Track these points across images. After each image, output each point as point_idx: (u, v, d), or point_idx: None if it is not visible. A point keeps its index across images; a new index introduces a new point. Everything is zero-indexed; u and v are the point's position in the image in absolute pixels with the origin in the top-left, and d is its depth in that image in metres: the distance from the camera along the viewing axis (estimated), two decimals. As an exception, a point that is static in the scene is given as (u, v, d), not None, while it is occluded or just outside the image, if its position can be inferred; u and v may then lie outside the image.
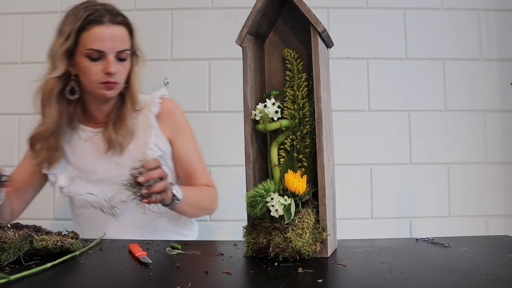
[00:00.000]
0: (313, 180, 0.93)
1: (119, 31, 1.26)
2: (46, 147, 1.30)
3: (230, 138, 1.86)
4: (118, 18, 1.26)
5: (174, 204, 1.19)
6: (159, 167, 1.08)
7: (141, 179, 1.02)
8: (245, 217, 0.95)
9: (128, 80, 1.33)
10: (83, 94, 1.32)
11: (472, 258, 0.88)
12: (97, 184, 1.34)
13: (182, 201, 1.20)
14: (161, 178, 1.08)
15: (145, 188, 1.04)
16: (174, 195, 1.18)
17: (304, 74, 0.96)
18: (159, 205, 1.16)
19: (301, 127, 0.95)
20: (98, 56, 1.24)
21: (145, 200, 1.05)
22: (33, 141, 1.31)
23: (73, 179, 1.35)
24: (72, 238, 0.96)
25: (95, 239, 1.08)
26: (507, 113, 1.92)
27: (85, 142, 1.35)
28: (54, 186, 1.37)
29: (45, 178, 1.40)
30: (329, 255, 0.89)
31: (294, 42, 1.00)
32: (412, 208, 1.89)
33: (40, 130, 1.30)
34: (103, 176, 1.33)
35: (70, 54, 1.26)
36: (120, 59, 1.27)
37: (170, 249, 0.96)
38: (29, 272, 0.76)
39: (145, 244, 1.03)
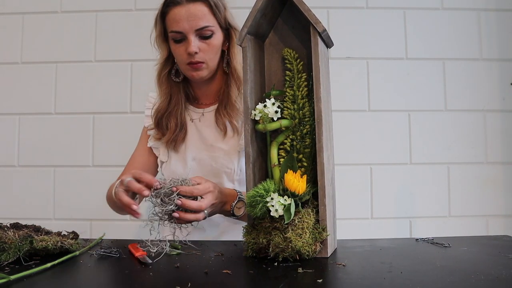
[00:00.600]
0: (313, 180, 0.92)
1: (197, 8, 1.23)
2: (169, 125, 1.32)
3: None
4: None
5: (236, 217, 1.17)
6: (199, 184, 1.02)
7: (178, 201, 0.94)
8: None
9: (229, 58, 1.31)
10: (185, 76, 1.34)
11: (472, 258, 0.88)
12: (188, 165, 1.32)
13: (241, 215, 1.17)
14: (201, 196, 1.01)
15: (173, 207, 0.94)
16: (232, 213, 1.14)
17: (304, 74, 0.96)
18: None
19: (301, 127, 0.95)
20: (180, 37, 1.24)
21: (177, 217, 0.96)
22: (155, 117, 1.34)
23: (171, 158, 1.34)
24: (72, 238, 0.96)
25: (95, 239, 1.08)
26: (507, 113, 1.92)
27: (192, 122, 1.36)
28: (158, 161, 1.38)
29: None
30: (329, 255, 0.89)
31: (294, 42, 1.00)
32: (412, 208, 1.89)
33: (156, 108, 1.35)
34: (196, 156, 1.32)
35: (165, 39, 1.29)
36: (204, 37, 1.24)
37: (170, 249, 0.96)
38: (29, 272, 0.76)
39: (145, 244, 1.03)
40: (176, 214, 0.94)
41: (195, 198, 0.98)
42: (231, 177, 1.29)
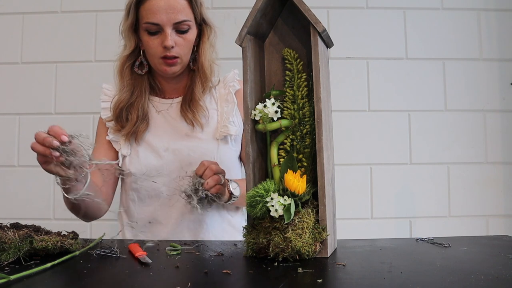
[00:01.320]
0: (313, 180, 0.92)
1: (176, 0, 1.20)
2: (130, 117, 1.28)
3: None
4: None
5: (231, 201, 1.21)
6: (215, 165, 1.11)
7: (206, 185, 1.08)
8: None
9: (197, 55, 1.29)
10: (151, 69, 1.31)
11: (472, 258, 0.88)
12: (162, 156, 1.29)
13: (239, 197, 1.21)
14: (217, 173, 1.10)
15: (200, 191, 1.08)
16: (231, 193, 1.19)
17: (304, 74, 0.96)
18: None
19: (301, 127, 0.95)
20: (155, 29, 1.20)
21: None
22: (114, 110, 1.30)
23: (137, 150, 1.30)
24: (71, 238, 0.96)
25: (95, 239, 1.08)
26: (507, 113, 1.92)
27: (158, 114, 1.32)
28: (118, 155, 1.31)
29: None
30: (329, 255, 0.89)
31: (294, 42, 1.00)
32: (412, 208, 1.90)
33: (117, 100, 1.30)
34: (170, 146, 1.29)
35: (135, 30, 1.26)
36: (180, 31, 1.22)
37: (170, 249, 0.96)
38: (29, 272, 0.76)
39: (145, 244, 1.03)
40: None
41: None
42: None
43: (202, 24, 1.28)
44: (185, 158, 1.26)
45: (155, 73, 1.33)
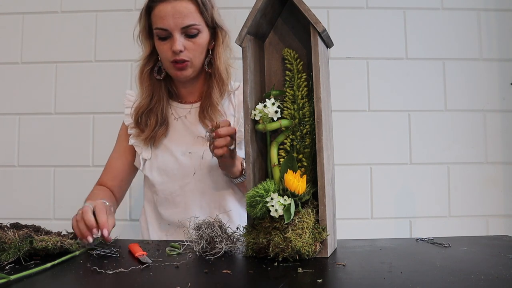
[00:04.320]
0: (313, 180, 0.92)
1: (183, 5, 1.20)
2: (149, 122, 1.30)
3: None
4: None
5: (241, 179, 1.22)
6: (229, 125, 1.10)
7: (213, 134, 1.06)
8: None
9: (212, 58, 1.29)
10: (168, 73, 1.32)
11: (472, 258, 0.88)
12: (179, 159, 1.30)
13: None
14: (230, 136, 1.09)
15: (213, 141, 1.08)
16: (243, 168, 1.20)
17: (304, 74, 0.96)
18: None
19: (301, 127, 0.95)
20: (165, 35, 1.22)
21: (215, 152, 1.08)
22: (135, 115, 1.32)
23: (156, 154, 1.33)
24: (71, 238, 0.96)
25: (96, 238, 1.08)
26: (507, 113, 1.92)
27: (176, 120, 1.34)
28: (139, 159, 1.35)
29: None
30: (329, 255, 0.89)
31: (294, 42, 1.00)
32: (412, 208, 1.89)
33: (137, 105, 1.33)
34: (187, 150, 1.30)
35: (149, 35, 1.27)
36: (189, 36, 1.23)
37: (170, 249, 0.96)
38: (29, 272, 0.76)
39: (145, 244, 1.03)
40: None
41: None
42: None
43: (215, 28, 1.28)
44: (203, 161, 1.28)
45: (171, 78, 1.34)
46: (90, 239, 0.96)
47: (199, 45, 1.25)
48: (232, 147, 1.11)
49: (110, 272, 0.78)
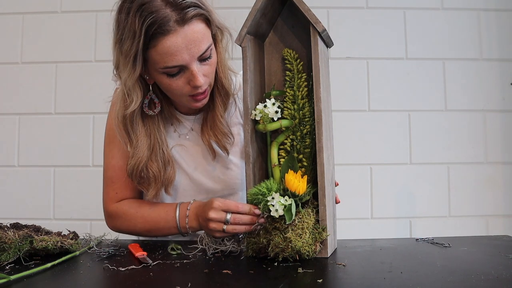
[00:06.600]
0: (313, 180, 0.92)
1: (194, 29, 0.95)
2: (151, 174, 1.07)
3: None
4: (187, 11, 0.94)
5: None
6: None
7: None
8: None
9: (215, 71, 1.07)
10: (166, 99, 1.11)
11: (472, 258, 0.88)
12: (191, 175, 1.16)
13: None
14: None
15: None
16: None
17: (304, 74, 0.96)
18: None
19: (301, 127, 0.95)
20: (177, 71, 0.97)
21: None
22: (133, 177, 1.08)
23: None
24: (71, 238, 0.96)
25: (96, 237, 1.08)
26: (507, 113, 1.92)
27: (182, 138, 1.16)
28: None
29: None
30: (329, 255, 0.89)
31: (294, 42, 1.00)
32: (412, 208, 1.89)
33: (133, 164, 1.06)
34: (198, 166, 1.16)
35: (143, 78, 1.04)
36: (204, 59, 0.99)
37: (171, 248, 0.96)
38: (29, 272, 0.76)
39: (145, 244, 1.03)
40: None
41: None
42: (241, 186, 1.17)
43: (216, 33, 1.06)
44: (214, 177, 1.15)
45: (173, 101, 1.13)
46: (262, 220, 0.90)
47: (214, 64, 1.03)
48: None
49: (110, 272, 0.78)
